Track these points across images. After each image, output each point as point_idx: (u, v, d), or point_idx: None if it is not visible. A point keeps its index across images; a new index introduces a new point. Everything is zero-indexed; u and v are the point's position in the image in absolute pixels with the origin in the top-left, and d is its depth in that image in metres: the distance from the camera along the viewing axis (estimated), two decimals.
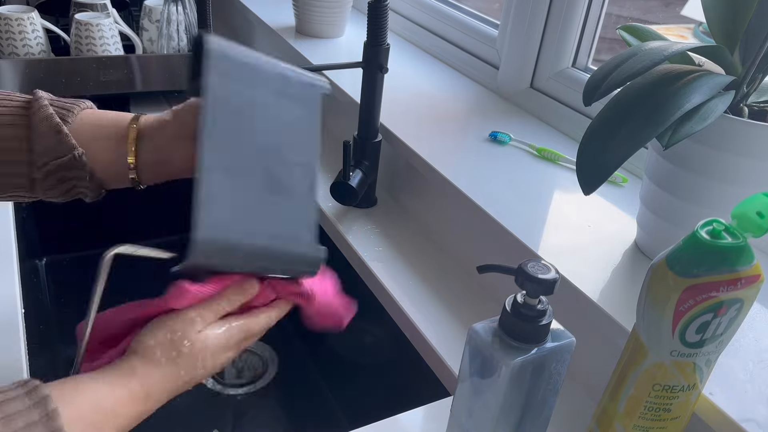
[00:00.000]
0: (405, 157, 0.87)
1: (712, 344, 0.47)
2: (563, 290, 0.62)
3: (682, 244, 0.45)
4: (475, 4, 1.17)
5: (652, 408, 0.50)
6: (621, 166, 0.52)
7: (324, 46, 1.19)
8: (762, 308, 0.60)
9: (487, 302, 0.77)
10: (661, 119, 0.50)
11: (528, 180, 0.80)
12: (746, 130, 0.54)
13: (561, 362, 0.48)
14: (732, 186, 0.57)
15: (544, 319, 0.46)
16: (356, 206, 0.93)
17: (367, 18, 0.81)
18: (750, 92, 0.57)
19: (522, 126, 0.94)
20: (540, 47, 0.96)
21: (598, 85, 0.54)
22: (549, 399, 0.50)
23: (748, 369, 0.54)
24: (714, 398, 0.51)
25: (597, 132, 0.54)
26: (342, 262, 0.88)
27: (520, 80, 1.00)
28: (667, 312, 0.45)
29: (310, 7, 1.18)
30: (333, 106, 1.11)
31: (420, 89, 1.04)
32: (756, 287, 0.45)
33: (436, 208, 0.87)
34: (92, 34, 1.05)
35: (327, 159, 1.06)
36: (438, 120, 0.94)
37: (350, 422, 0.98)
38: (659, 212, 0.62)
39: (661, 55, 0.52)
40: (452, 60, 1.14)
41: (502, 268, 0.47)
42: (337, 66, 0.90)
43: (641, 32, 0.64)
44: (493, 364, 0.46)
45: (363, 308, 0.86)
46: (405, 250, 0.85)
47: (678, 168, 0.58)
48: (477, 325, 0.48)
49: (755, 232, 0.43)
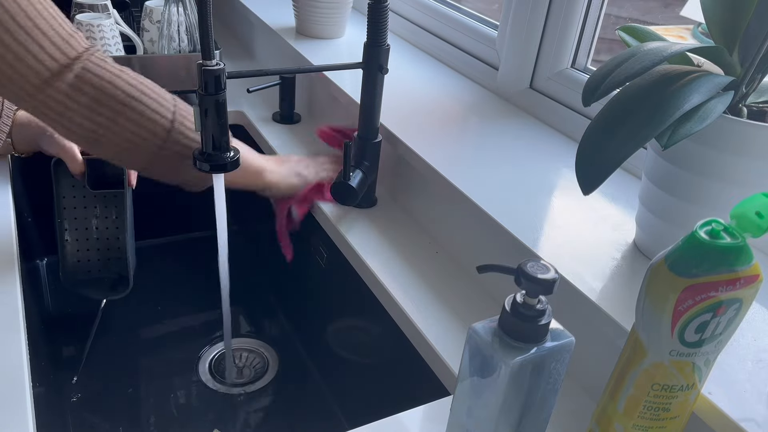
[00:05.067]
0: (405, 157, 0.88)
1: (711, 344, 0.47)
2: (563, 290, 0.63)
3: (681, 244, 0.45)
4: (475, 5, 1.17)
5: (651, 408, 0.50)
6: (620, 166, 0.52)
7: (324, 46, 1.19)
8: (761, 308, 0.61)
9: (486, 302, 0.77)
10: (660, 119, 0.51)
11: (528, 180, 0.80)
12: (745, 130, 0.55)
13: (560, 362, 0.48)
14: (731, 186, 0.57)
15: (543, 319, 0.46)
16: (356, 206, 0.93)
17: (367, 19, 0.81)
18: (749, 93, 0.57)
19: (521, 126, 0.94)
20: (539, 48, 0.96)
21: (598, 85, 0.54)
22: (549, 399, 0.50)
23: (746, 368, 0.54)
24: (713, 398, 0.51)
25: (596, 132, 0.55)
26: (342, 262, 0.88)
27: (520, 81, 1.00)
28: (666, 312, 0.45)
29: (310, 7, 1.19)
30: (333, 106, 1.11)
31: (420, 90, 1.04)
32: (755, 287, 0.45)
33: (436, 208, 0.87)
34: (93, 34, 1.05)
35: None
36: (438, 120, 0.94)
37: (350, 422, 0.98)
38: (658, 212, 0.63)
39: (660, 56, 0.52)
40: (452, 61, 1.14)
41: (502, 268, 0.47)
42: (337, 66, 0.90)
43: (640, 33, 0.64)
44: (492, 363, 0.46)
45: (363, 308, 0.86)
46: (405, 250, 0.85)
47: (677, 168, 0.59)
48: (477, 325, 0.48)
49: (754, 233, 0.43)
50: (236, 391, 1.07)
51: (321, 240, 0.98)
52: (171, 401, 1.05)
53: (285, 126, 1.16)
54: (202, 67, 0.70)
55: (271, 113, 1.19)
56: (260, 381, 1.09)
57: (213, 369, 1.10)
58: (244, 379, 1.09)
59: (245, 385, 1.08)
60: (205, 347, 1.14)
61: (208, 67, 0.70)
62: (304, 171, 0.94)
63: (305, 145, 1.10)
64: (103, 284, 1.01)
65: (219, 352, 1.14)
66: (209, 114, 0.72)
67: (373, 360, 0.90)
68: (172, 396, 1.05)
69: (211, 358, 1.12)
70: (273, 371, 1.11)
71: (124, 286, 0.99)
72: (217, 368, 1.11)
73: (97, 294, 1.00)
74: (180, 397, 1.06)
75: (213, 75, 0.70)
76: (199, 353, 1.13)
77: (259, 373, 1.11)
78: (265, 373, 1.11)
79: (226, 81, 0.72)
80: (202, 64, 0.70)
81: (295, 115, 1.18)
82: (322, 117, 1.16)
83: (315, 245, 1.01)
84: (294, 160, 0.96)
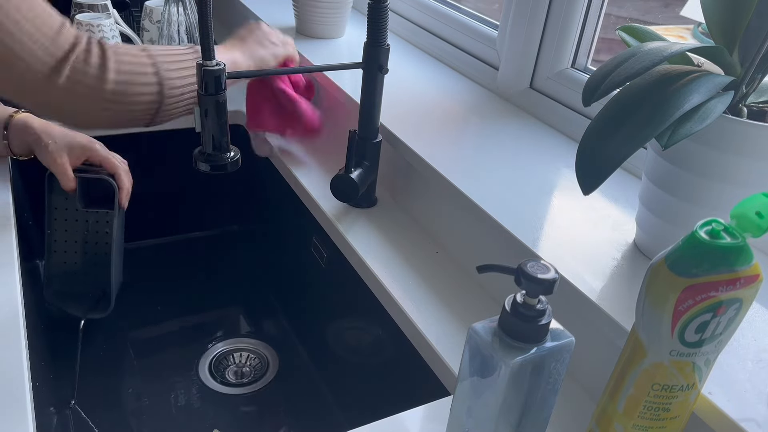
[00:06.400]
0: (405, 157, 0.88)
1: (711, 344, 0.47)
2: (563, 290, 0.63)
3: (681, 244, 0.45)
4: (475, 5, 1.17)
5: (651, 408, 0.50)
6: (620, 166, 0.52)
7: (324, 46, 1.19)
8: (761, 308, 0.60)
9: (486, 302, 0.77)
10: (660, 119, 0.51)
11: (528, 180, 0.80)
12: (745, 130, 0.55)
13: (561, 362, 0.48)
14: (731, 186, 0.57)
15: (543, 319, 0.46)
16: (356, 206, 0.93)
17: (367, 19, 0.81)
18: (749, 92, 0.57)
19: (521, 126, 0.94)
20: (539, 48, 0.96)
21: (598, 85, 0.54)
22: (549, 399, 0.50)
23: (747, 368, 0.54)
24: (713, 398, 0.51)
25: (596, 132, 0.55)
26: (342, 262, 0.88)
27: (520, 81, 1.00)
28: (666, 312, 0.45)
29: (310, 7, 1.19)
30: (333, 106, 1.11)
31: (420, 90, 1.04)
32: (755, 287, 0.45)
33: (436, 208, 0.87)
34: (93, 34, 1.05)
35: (326, 159, 1.06)
36: (438, 120, 0.94)
37: (350, 422, 0.98)
38: (658, 212, 0.63)
39: (660, 56, 0.52)
40: (452, 60, 1.14)
41: (502, 268, 0.47)
42: (338, 66, 0.90)
43: (640, 33, 0.64)
44: (492, 363, 0.46)
45: (363, 308, 0.86)
46: (405, 250, 0.85)
47: (677, 168, 0.59)
48: (476, 325, 0.48)
49: (754, 232, 0.43)
50: (235, 392, 1.07)
51: (321, 240, 0.98)
52: (171, 401, 1.05)
53: None
54: (202, 68, 0.70)
55: None
56: (260, 381, 1.09)
57: (213, 369, 1.10)
58: (244, 380, 1.09)
59: (244, 385, 1.08)
60: (205, 347, 1.14)
61: (208, 68, 0.70)
62: (266, 43, 0.94)
63: (306, 145, 1.10)
64: (85, 300, 0.99)
65: (219, 352, 1.14)
66: (209, 114, 0.72)
67: (373, 360, 0.90)
68: (172, 396, 1.05)
69: (211, 358, 1.12)
70: (273, 371, 1.11)
71: (106, 304, 0.98)
72: (217, 368, 1.11)
73: (77, 311, 0.98)
74: (180, 397, 1.06)
75: (213, 75, 0.70)
76: (199, 353, 1.13)
77: (259, 373, 1.11)
78: (265, 373, 1.11)
79: (226, 81, 0.72)
80: (202, 64, 0.70)
81: None
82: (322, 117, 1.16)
83: (315, 245, 1.01)
84: (250, 38, 0.94)
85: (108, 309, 0.98)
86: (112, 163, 0.91)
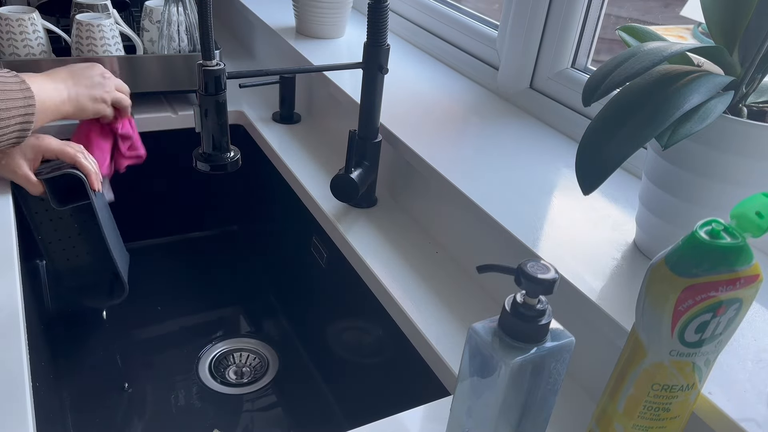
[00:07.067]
0: (405, 157, 0.88)
1: (711, 344, 0.47)
2: (563, 290, 0.63)
3: (681, 244, 0.45)
4: (475, 5, 1.17)
5: (651, 408, 0.50)
6: (620, 166, 0.52)
7: (324, 46, 1.19)
8: (761, 308, 0.61)
9: (486, 302, 0.77)
10: (660, 119, 0.51)
11: (528, 180, 0.80)
12: (745, 130, 0.55)
13: (561, 362, 0.48)
14: (731, 186, 0.57)
15: (543, 319, 0.46)
16: (356, 206, 0.93)
17: (367, 19, 0.81)
18: (749, 92, 0.57)
19: (521, 126, 0.94)
20: (539, 48, 0.96)
21: (598, 85, 0.54)
22: (549, 399, 0.50)
23: (747, 368, 0.54)
24: (713, 398, 0.51)
25: (596, 132, 0.55)
26: (342, 262, 0.88)
27: (520, 81, 1.00)
28: (666, 312, 0.45)
29: (310, 7, 1.19)
30: (333, 106, 1.11)
31: (420, 90, 1.04)
32: (755, 287, 0.45)
33: (436, 208, 0.87)
34: (93, 34, 1.05)
35: (327, 159, 1.06)
36: (438, 120, 0.94)
37: (350, 422, 0.98)
38: (658, 212, 0.63)
39: (660, 56, 0.52)
40: (452, 61, 1.14)
41: (502, 268, 0.47)
42: (338, 66, 0.90)
43: (640, 33, 0.64)
44: (492, 363, 0.46)
45: (363, 308, 0.86)
46: (405, 250, 0.85)
47: (677, 168, 0.59)
48: (477, 325, 0.48)
49: (754, 232, 0.43)
50: (235, 392, 1.07)
51: (321, 240, 0.98)
52: (171, 401, 1.05)
53: (285, 126, 1.16)
54: (202, 68, 0.70)
55: (271, 113, 1.19)
56: (260, 381, 1.09)
57: (213, 369, 1.10)
58: (244, 380, 1.09)
59: (244, 385, 1.08)
60: (205, 347, 1.14)
61: (208, 68, 0.70)
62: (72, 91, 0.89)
63: (306, 145, 1.10)
64: (99, 290, 1.00)
65: (219, 352, 1.14)
66: (209, 114, 0.72)
67: (373, 360, 0.90)
68: (172, 396, 1.05)
69: (211, 358, 1.12)
70: (273, 371, 1.11)
71: (120, 289, 0.98)
72: (217, 368, 1.11)
73: (94, 302, 0.99)
74: (180, 397, 1.06)
75: (213, 75, 0.70)
76: (199, 353, 1.13)
77: (259, 373, 1.11)
78: (265, 373, 1.11)
79: (226, 81, 0.72)
80: (202, 64, 0.70)
81: (295, 115, 1.18)
82: (322, 117, 1.17)
83: (315, 245, 1.01)
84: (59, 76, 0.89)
85: (124, 293, 0.97)
86: (69, 154, 0.87)
